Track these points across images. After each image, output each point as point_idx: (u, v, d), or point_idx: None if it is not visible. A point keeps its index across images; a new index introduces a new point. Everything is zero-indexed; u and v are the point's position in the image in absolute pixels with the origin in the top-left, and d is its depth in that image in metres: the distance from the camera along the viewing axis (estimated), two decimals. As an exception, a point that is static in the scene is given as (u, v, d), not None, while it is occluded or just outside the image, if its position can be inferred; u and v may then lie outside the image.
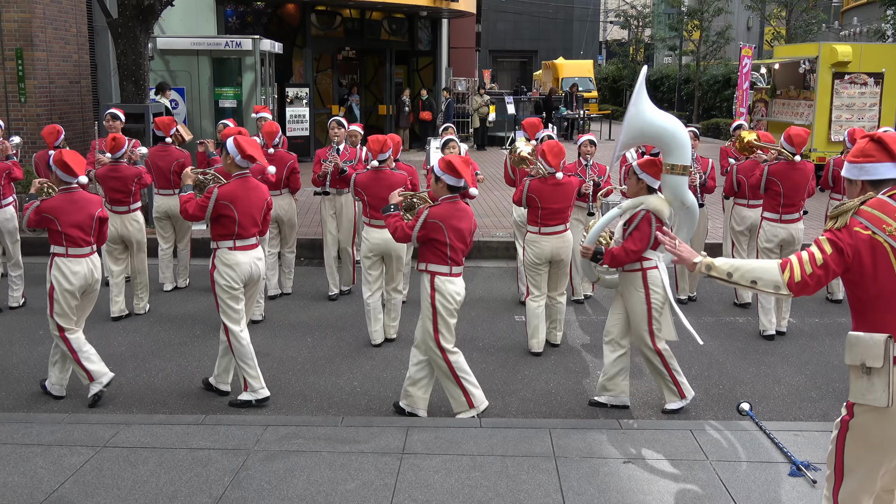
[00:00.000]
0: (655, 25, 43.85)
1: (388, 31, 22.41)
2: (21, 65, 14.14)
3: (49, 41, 14.58)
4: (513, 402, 6.00)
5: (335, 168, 8.19)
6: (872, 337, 3.12)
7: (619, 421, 5.45)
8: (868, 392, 3.13)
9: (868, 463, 3.25)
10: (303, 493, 4.44)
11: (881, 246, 3.11)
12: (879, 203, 3.16)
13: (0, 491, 4.44)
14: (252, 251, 6.00)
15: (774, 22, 31.37)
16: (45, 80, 14.44)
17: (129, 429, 5.23)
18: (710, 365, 6.80)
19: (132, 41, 12.05)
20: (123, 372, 6.55)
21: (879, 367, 3.08)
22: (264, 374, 6.47)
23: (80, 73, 15.72)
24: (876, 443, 3.21)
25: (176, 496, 4.41)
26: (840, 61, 16.11)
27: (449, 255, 5.46)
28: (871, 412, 3.16)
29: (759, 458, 4.84)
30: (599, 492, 4.45)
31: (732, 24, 34.10)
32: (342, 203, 8.59)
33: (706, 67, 33.14)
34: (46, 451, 4.90)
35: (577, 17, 52.07)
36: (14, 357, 6.91)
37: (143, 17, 11.99)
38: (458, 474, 4.63)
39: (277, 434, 5.14)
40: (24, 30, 14.06)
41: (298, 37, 20.18)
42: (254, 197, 5.98)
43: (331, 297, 8.72)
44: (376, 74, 23.66)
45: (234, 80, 16.28)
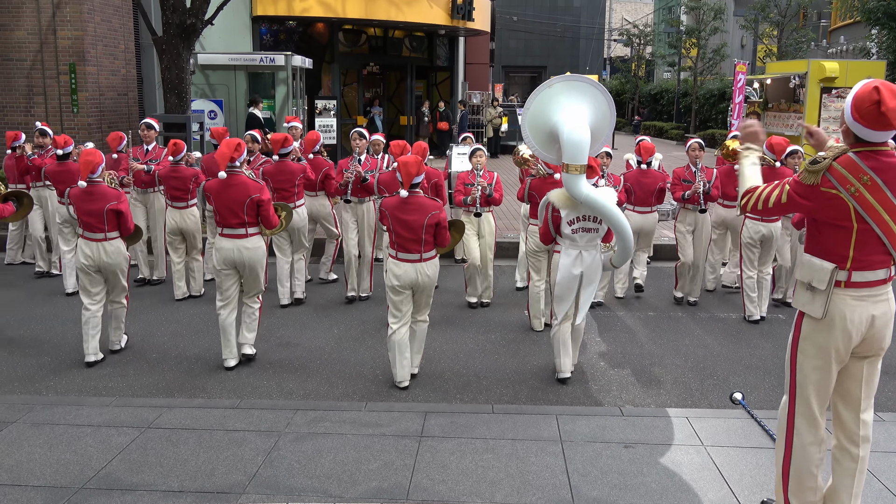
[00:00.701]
0: (656, 43, 43.71)
1: (409, 48, 22.42)
2: (74, 78, 14.25)
3: (99, 57, 14.68)
4: (522, 389, 6.00)
5: (357, 177, 7.96)
6: (822, 264, 3.45)
7: (621, 408, 5.44)
8: (808, 304, 3.50)
9: (814, 372, 3.54)
10: (329, 471, 4.46)
11: (844, 203, 3.35)
12: (848, 161, 3.35)
13: (53, 467, 4.49)
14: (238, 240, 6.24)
15: (767, 40, 31.15)
16: (95, 93, 14.54)
17: (172, 411, 5.27)
18: (705, 357, 6.78)
19: (175, 57, 12.13)
20: (166, 360, 6.61)
21: (823, 289, 3.43)
22: (294, 363, 6.53)
23: (128, 86, 15.82)
24: (818, 352, 3.51)
25: (214, 473, 4.44)
26: (828, 77, 16.04)
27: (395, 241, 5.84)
28: (812, 322, 3.51)
29: (750, 444, 4.82)
30: (602, 473, 4.45)
31: (727, 42, 33.90)
32: (363, 211, 8.28)
33: (703, 82, 32.97)
34: (96, 432, 4.95)
35: (584, 35, 51.91)
36: (67, 345, 6.97)
37: (186, 35, 12.07)
38: (471, 456, 4.64)
39: (306, 417, 5.17)
40: (76, 46, 14.17)
41: (327, 53, 20.22)
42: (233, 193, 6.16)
43: (348, 298, 8.40)
44: (398, 88, 23.68)
45: (268, 93, 16.34)
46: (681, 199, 8.12)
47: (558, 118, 5.53)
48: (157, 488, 4.26)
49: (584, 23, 51.74)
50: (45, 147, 9.35)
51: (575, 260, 5.87)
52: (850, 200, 3.32)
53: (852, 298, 3.42)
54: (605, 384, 6.15)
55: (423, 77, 23.78)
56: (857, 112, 3.28)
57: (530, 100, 5.74)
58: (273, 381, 6.15)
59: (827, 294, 3.41)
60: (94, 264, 6.39)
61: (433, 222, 5.76)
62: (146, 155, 8.84)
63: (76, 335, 7.20)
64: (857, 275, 3.41)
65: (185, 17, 11.95)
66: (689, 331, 7.54)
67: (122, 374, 6.28)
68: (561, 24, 50.95)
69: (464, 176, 7.94)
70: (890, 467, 4.50)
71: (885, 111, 3.19)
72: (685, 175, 8.16)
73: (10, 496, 4.17)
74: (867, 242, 3.37)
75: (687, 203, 8.13)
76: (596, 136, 5.62)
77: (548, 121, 5.61)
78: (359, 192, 8.07)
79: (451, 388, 6.01)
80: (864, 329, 3.45)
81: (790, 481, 3.68)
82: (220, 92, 16.21)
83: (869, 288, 3.44)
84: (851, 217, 3.34)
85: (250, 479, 4.36)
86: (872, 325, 3.45)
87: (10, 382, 6.08)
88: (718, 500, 4.17)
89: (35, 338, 7.17)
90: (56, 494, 4.19)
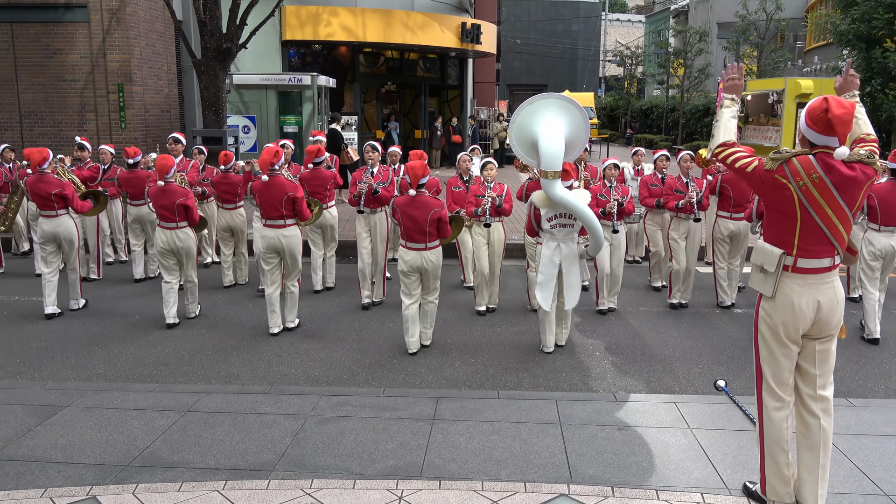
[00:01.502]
0: (646, 63, 43.57)
1: (422, 68, 22.43)
2: (122, 97, 14.34)
3: (145, 77, 14.77)
4: (525, 377, 5.99)
5: (369, 189, 7.67)
6: (772, 250, 3.57)
7: (615, 394, 5.42)
8: (760, 284, 3.63)
9: (772, 348, 3.63)
10: (351, 451, 4.46)
11: (790, 194, 3.45)
12: (805, 161, 3.44)
13: (103, 447, 4.51)
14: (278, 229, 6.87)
15: (747, 60, 30.99)
16: (141, 110, 14.63)
17: (209, 396, 5.29)
18: (691, 348, 6.74)
19: (213, 77, 12.19)
20: (204, 350, 6.63)
21: (772, 271, 3.56)
22: (319, 354, 6.54)
23: (170, 104, 15.91)
24: (773, 329, 3.60)
25: (246, 452, 4.45)
26: (803, 93, 15.92)
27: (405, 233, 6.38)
28: (768, 302, 3.62)
29: (732, 427, 4.79)
30: (597, 453, 4.43)
31: (711, 62, 33.72)
32: (376, 221, 7.94)
33: (689, 99, 32.86)
34: (141, 415, 4.97)
35: (581, 56, 51.84)
36: (115, 337, 7.01)
37: (222, 58, 12.13)
38: (479, 437, 4.63)
39: (330, 402, 5.17)
40: (124, 68, 14.26)
41: (349, 73, 20.26)
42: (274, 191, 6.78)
43: (364, 306, 7.95)
44: (413, 105, 23.70)
45: (295, 110, 16.40)
46: (674, 209, 7.87)
47: (537, 130, 5.89)
48: (196, 466, 4.28)
49: (582, 45, 51.68)
50: (83, 160, 9.33)
51: (554, 251, 6.33)
52: (796, 192, 3.43)
53: (799, 285, 3.52)
54: (601, 372, 6.13)
55: (435, 95, 23.78)
56: (810, 119, 3.46)
57: (516, 114, 6.10)
58: (300, 369, 6.16)
59: (776, 276, 3.55)
60: (169, 248, 7.21)
61: (436, 218, 6.30)
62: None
63: (123, 329, 7.25)
64: (802, 261, 3.51)
65: (221, 42, 12.01)
66: (676, 324, 7.51)
67: (165, 362, 6.31)
68: (560, 46, 50.91)
69: (475, 188, 7.66)
70: (860, 448, 4.47)
71: (830, 117, 3.36)
72: (677, 185, 7.92)
73: (64, 473, 4.20)
74: (811, 233, 3.47)
75: (680, 212, 7.88)
76: (572, 145, 6.03)
77: (530, 133, 5.98)
78: (371, 202, 7.79)
79: (461, 375, 6.01)
80: (812, 314, 3.53)
81: (766, 459, 3.71)
82: (253, 109, 16.28)
83: (814, 275, 3.52)
84: (796, 208, 3.45)
85: (279, 458, 4.37)
86: (819, 310, 3.53)
87: (64, 370, 6.12)
88: (704, 477, 4.15)
89: (87, 331, 7.21)
90: (105, 471, 4.21)
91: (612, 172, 7.66)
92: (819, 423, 3.63)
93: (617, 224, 7.59)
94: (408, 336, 6.48)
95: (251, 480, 4.07)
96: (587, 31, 51.75)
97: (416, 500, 3.85)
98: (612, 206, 7.48)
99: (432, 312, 6.67)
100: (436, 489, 3.97)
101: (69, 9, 14.23)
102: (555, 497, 3.89)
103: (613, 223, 7.57)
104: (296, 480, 4.07)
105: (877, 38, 17.11)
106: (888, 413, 5.01)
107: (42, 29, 14.36)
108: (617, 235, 7.67)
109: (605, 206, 7.47)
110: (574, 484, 4.05)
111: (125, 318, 7.59)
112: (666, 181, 8.19)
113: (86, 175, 8.92)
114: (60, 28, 14.32)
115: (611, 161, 7.83)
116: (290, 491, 3.94)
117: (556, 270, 6.33)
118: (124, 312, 7.80)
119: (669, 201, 7.93)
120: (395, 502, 3.83)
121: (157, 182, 7.22)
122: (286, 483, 4.03)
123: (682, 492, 3.96)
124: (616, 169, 7.76)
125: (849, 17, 17.86)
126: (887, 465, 4.28)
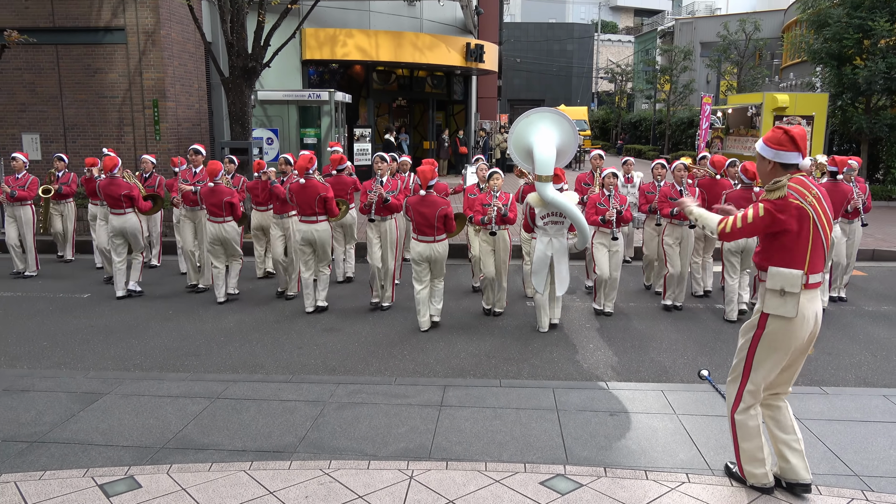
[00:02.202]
0: (635, 80, 43.49)
1: (430, 85, 22.42)
2: (157, 112, 14.38)
3: (177, 94, 14.81)
4: (525, 367, 5.98)
5: (379, 198, 7.45)
6: (791, 272, 3.39)
7: (607, 383, 5.40)
8: (781, 307, 3.41)
9: (771, 361, 3.51)
10: (365, 434, 4.47)
11: (805, 212, 3.34)
12: (799, 181, 3.39)
13: (140, 431, 4.53)
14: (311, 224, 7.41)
15: (728, 76, 30.91)
16: (174, 124, 14.67)
17: (236, 385, 5.30)
18: (677, 341, 6.72)
19: (239, 94, 12.22)
20: (231, 341, 6.65)
21: (795, 292, 3.37)
22: (336, 345, 6.54)
23: (200, 118, 15.95)
24: (781, 345, 3.47)
25: (270, 435, 4.45)
26: (780, 107, 15.89)
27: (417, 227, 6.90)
28: (781, 321, 3.43)
29: (714, 413, 4.77)
30: (591, 436, 4.42)
31: (695, 78, 33.64)
32: (386, 228, 7.67)
33: (675, 112, 32.75)
34: (174, 401, 4.98)
35: (575, 73, 51.77)
36: (150, 330, 7.03)
37: (248, 76, 12.16)
38: (483, 422, 4.63)
39: (347, 390, 5.18)
40: (158, 85, 14.30)
41: (363, 90, 20.26)
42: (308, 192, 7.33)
43: (372, 304, 7.78)
44: (422, 118, 23.68)
45: (314, 123, 16.42)
46: (669, 216, 7.55)
47: (532, 140, 6.41)
48: (224, 448, 4.29)
49: (576, 63, 51.61)
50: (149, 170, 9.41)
51: (547, 245, 6.74)
52: (810, 210, 3.34)
53: (808, 299, 3.42)
54: (594, 363, 6.12)
55: (442, 109, 23.77)
56: (776, 143, 3.43)
57: (514, 125, 6.64)
58: (319, 359, 6.17)
59: (798, 296, 3.37)
60: (217, 238, 7.93)
61: (442, 214, 6.83)
62: (194, 177, 8.64)
63: (158, 323, 7.27)
64: (812, 277, 3.41)
65: (247, 61, 12.04)
66: (663, 318, 7.48)
67: (196, 353, 6.32)
68: (556, 64, 50.87)
69: (481, 197, 7.31)
70: (833, 433, 4.45)
71: (794, 135, 3.38)
72: (671, 193, 7.59)
73: (105, 454, 4.21)
74: (816, 248, 3.40)
75: (674, 219, 7.58)
76: (562, 153, 6.58)
77: (526, 142, 6.52)
78: (381, 210, 7.57)
79: (466, 366, 6.01)
80: (812, 323, 3.47)
81: (740, 448, 3.68)
82: (276, 122, 16.31)
83: (817, 287, 3.46)
84: (811, 226, 3.35)
85: (300, 441, 4.38)
86: (816, 320, 3.49)
87: (104, 361, 6.14)
88: (689, 459, 4.14)
89: (125, 325, 7.24)
90: (142, 453, 4.23)
91: (612, 181, 7.40)
92: (786, 406, 3.66)
93: (616, 231, 7.34)
94: (420, 317, 6.96)
95: (275, 461, 4.08)
96: (581, 50, 51.68)
97: (426, 480, 3.85)
98: (612, 214, 7.26)
99: (440, 292, 7.16)
100: (443, 469, 3.97)
101: (109, 32, 14.29)
102: (552, 477, 3.89)
103: (612, 230, 7.32)
104: (315, 461, 4.07)
105: (847, 56, 17.06)
106: (858, 400, 4.99)
107: (84, 50, 14.42)
108: (616, 242, 7.40)
109: (605, 214, 7.26)
110: (570, 465, 4.04)
111: (159, 311, 7.61)
112: (661, 189, 7.88)
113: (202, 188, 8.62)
114: (101, 49, 14.38)
115: (609, 170, 7.54)
116: (310, 471, 3.95)
117: (549, 261, 6.78)
118: (159, 307, 7.82)
119: (664, 208, 7.65)
120: (406, 481, 3.83)
121: (207, 183, 7.91)
122: (307, 464, 4.04)
123: (668, 472, 3.95)
124: (615, 178, 7.46)
125: (821, 36, 17.80)
126: (857, 448, 4.26)
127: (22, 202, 9.38)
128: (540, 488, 3.76)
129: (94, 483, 3.82)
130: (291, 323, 7.27)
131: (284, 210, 8.11)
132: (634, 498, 3.67)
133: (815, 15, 18.23)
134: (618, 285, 7.64)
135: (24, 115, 14.24)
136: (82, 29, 14.30)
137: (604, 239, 7.39)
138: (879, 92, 16.68)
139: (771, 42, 31.30)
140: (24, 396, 5.06)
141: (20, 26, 13.54)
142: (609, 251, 7.42)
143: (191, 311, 7.64)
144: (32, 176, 9.55)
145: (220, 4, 12.04)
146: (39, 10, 14.23)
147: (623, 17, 62.21)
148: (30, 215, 9.46)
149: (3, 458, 4.16)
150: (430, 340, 6.68)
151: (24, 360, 6.15)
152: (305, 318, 7.41)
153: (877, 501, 3.64)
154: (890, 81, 16.28)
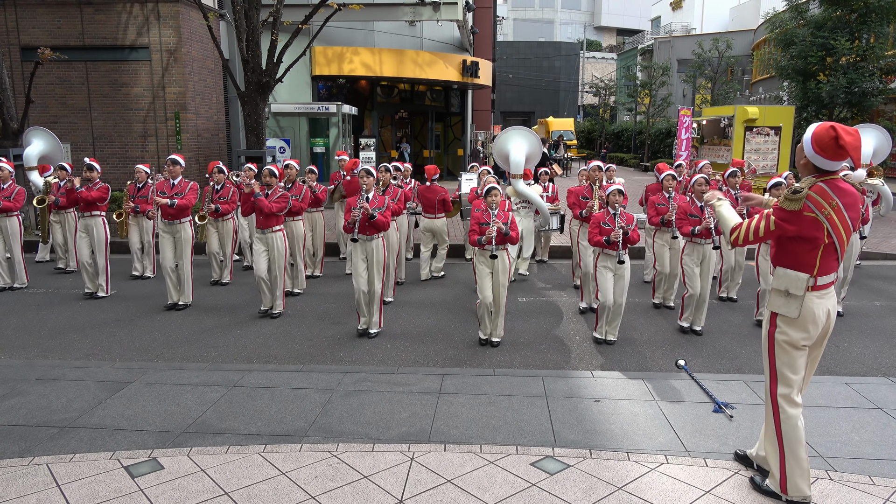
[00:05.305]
0: (618, 94, 43.45)
1: (430, 98, 22.41)
2: (178, 123, 14.35)
3: (197, 106, 14.79)
4: (516, 357, 5.97)
5: (364, 214, 6.17)
6: (797, 274, 3.27)
7: (592, 372, 5.39)
8: (784, 307, 3.31)
9: (791, 361, 3.33)
10: (370, 419, 4.45)
11: (819, 223, 3.17)
12: (820, 190, 3.17)
13: (162, 416, 4.51)
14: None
15: (702, 91, 30.93)
16: (194, 134, 14.64)
17: (251, 374, 5.29)
18: (656, 333, 6.71)
19: (254, 106, 12.20)
20: (247, 334, 6.63)
21: (799, 294, 3.26)
22: (344, 338, 6.50)
23: (218, 129, 15.92)
24: (793, 343, 3.31)
25: (282, 421, 4.44)
26: (750, 118, 15.87)
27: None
28: (787, 319, 3.31)
29: (691, 399, 4.77)
30: (577, 421, 4.41)
31: (672, 92, 33.64)
32: (373, 248, 6.33)
33: (654, 123, 32.76)
34: (194, 389, 4.97)
35: (562, 87, 51.75)
36: (171, 324, 7.01)
37: (262, 90, 12.13)
38: (478, 408, 4.62)
39: (353, 378, 5.17)
40: (180, 99, 14.27)
41: (368, 103, 20.26)
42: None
43: (360, 330, 6.55)
44: (422, 129, 23.68)
45: (323, 133, 16.41)
46: (689, 234, 6.41)
47: (509, 148, 7.98)
48: (240, 432, 4.28)
49: (563, 78, 51.58)
50: (92, 181, 7.94)
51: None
52: (824, 222, 3.16)
53: (817, 298, 3.28)
54: (580, 354, 6.11)
55: (440, 120, 23.76)
56: (818, 146, 3.14)
57: (497, 139, 8.11)
58: (328, 351, 6.15)
59: (801, 298, 3.26)
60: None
61: (441, 199, 8.84)
62: (171, 189, 7.43)
63: (179, 317, 7.24)
64: (821, 279, 3.26)
65: (261, 77, 12.02)
66: (643, 313, 7.47)
67: (214, 345, 6.30)
68: (545, 79, 50.85)
69: (478, 215, 6.03)
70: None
71: (843, 144, 3.07)
72: (691, 210, 6.51)
73: (130, 438, 4.20)
74: (830, 253, 3.24)
75: (695, 238, 6.44)
76: (530, 158, 8.03)
77: (504, 149, 8.04)
78: (367, 229, 6.26)
79: (463, 356, 5.99)
80: (825, 320, 3.32)
81: (788, 458, 3.37)
82: (288, 132, 16.30)
83: (827, 288, 3.31)
84: (824, 235, 3.18)
85: (310, 426, 4.37)
86: (829, 316, 3.33)
87: (129, 352, 6.12)
88: (667, 441, 4.13)
89: (149, 319, 7.21)
90: (164, 437, 4.21)
91: (616, 199, 6.16)
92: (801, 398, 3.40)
93: (622, 254, 6.05)
94: (422, 270, 8.92)
95: (286, 444, 4.07)
96: (568, 66, 51.65)
97: (426, 461, 3.84)
98: (617, 235, 5.96)
99: (442, 255, 9.12)
100: (442, 451, 3.96)
101: (134, 49, 14.26)
102: (542, 458, 3.88)
103: (619, 253, 6.05)
104: (324, 444, 4.06)
105: (812, 72, 17.12)
106: (822, 388, 4.98)
107: (111, 66, 14.39)
108: (622, 266, 6.13)
109: (610, 235, 6.02)
110: (558, 447, 4.03)
111: (182, 310, 7.59)
112: (679, 205, 6.67)
113: (94, 196, 7.81)
114: (126, 66, 14.36)
115: (615, 187, 6.25)
116: (319, 453, 3.94)
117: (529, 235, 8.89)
118: (183, 305, 7.80)
119: (684, 226, 6.47)
120: (408, 463, 3.82)
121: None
122: (316, 447, 4.03)
123: (648, 454, 3.94)
124: (620, 195, 6.19)
125: (788, 54, 17.86)
126: (822, 432, 4.26)
127: (7, 213, 8.24)
128: (531, 469, 3.75)
129: (120, 465, 3.80)
130: (302, 317, 7.25)
131: (268, 224, 7.05)
132: (617, 477, 3.66)
133: (782, 34, 18.32)
134: (622, 312, 6.33)
135: (56, 127, 14.21)
136: (110, 47, 14.28)
137: (608, 262, 6.16)
138: (841, 105, 16.75)
139: (742, 59, 31.30)
140: (56, 385, 5.05)
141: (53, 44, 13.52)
142: (614, 275, 6.18)
143: (209, 306, 7.61)
144: (19, 186, 8.44)
145: (237, 24, 12.02)
146: (70, 30, 14.21)
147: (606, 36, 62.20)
148: (16, 227, 8.32)
149: (36, 442, 4.15)
150: (430, 333, 6.66)
151: (56, 351, 6.14)
152: (315, 313, 7.39)
153: (839, 480, 3.64)
154: (850, 95, 16.34)
